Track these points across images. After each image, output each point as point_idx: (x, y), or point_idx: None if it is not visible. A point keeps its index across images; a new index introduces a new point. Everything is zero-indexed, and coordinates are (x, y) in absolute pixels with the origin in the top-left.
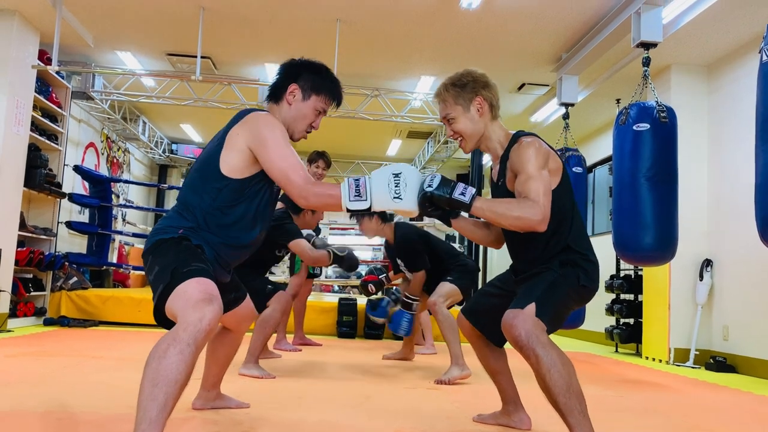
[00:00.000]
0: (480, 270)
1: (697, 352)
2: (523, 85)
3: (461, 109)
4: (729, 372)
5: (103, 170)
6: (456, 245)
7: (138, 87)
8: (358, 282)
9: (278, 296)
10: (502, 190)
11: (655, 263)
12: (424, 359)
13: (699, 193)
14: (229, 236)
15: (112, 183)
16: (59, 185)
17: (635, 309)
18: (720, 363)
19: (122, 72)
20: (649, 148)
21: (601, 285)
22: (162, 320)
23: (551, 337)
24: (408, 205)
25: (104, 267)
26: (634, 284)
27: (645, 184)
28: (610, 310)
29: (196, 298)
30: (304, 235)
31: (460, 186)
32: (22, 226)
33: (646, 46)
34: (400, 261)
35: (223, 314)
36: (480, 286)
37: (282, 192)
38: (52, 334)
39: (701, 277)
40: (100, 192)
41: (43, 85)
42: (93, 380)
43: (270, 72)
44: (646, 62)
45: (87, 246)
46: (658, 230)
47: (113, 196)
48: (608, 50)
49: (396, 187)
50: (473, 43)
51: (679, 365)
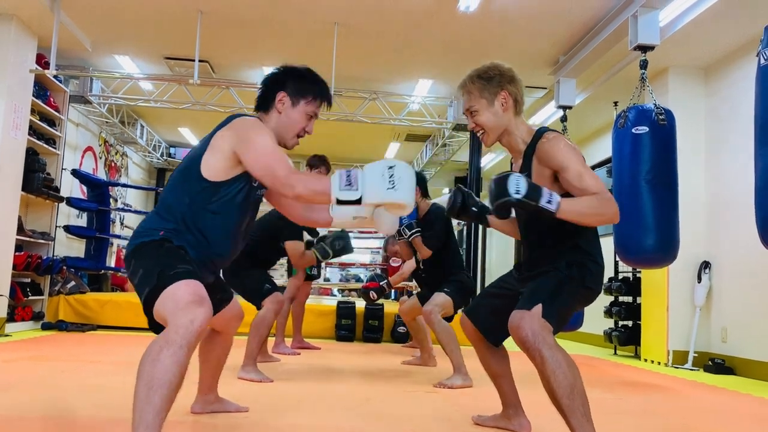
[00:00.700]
0: (475, 291)
1: (696, 354)
2: None
3: (485, 103)
4: (727, 374)
5: (101, 174)
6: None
7: (136, 91)
8: (357, 286)
9: (274, 296)
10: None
11: (657, 265)
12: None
13: (697, 195)
14: (209, 239)
15: (110, 187)
16: (57, 189)
17: (634, 311)
18: (718, 365)
19: (120, 76)
20: (648, 150)
21: None
22: (155, 326)
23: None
24: (401, 197)
25: (102, 271)
26: (633, 286)
27: (645, 187)
28: (608, 313)
29: (185, 300)
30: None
31: (545, 193)
32: (20, 230)
33: (644, 48)
34: (414, 229)
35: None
36: (479, 288)
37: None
38: (50, 339)
39: (699, 279)
40: (98, 196)
41: (41, 89)
42: (91, 384)
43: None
44: (644, 65)
45: (85, 250)
46: (660, 232)
47: (111, 199)
48: (606, 53)
49: (390, 178)
50: (471, 46)
51: (677, 367)
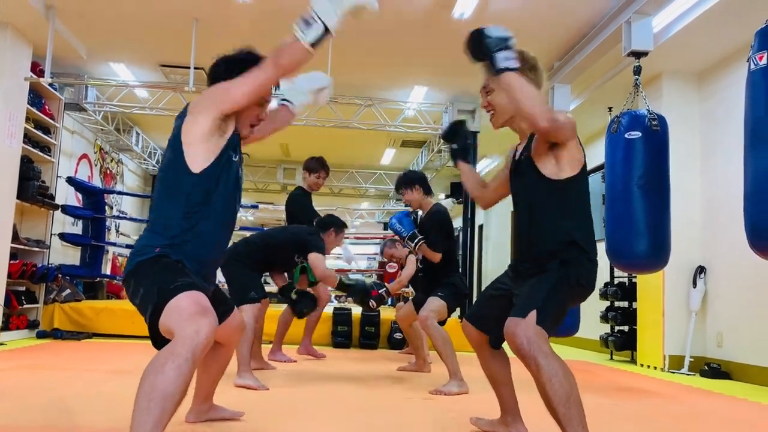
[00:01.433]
0: (468, 294)
1: (692, 359)
2: None
3: None
4: (723, 379)
5: (96, 181)
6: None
7: (131, 98)
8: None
9: (254, 307)
10: (525, 165)
11: (648, 270)
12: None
13: (691, 200)
14: (208, 237)
15: (105, 194)
16: (52, 197)
17: (630, 316)
18: (714, 370)
19: (115, 83)
20: (641, 156)
21: (596, 292)
22: (159, 343)
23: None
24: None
25: (98, 279)
26: (629, 291)
27: (637, 192)
28: (604, 318)
29: (189, 311)
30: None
31: (513, 52)
32: (15, 238)
33: (637, 54)
34: (417, 238)
35: None
36: (475, 292)
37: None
38: (45, 347)
39: (695, 283)
40: (93, 203)
41: (36, 96)
42: (87, 393)
43: None
44: (637, 71)
45: (80, 258)
46: (651, 238)
47: (107, 207)
48: (600, 59)
49: None
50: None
51: (673, 372)
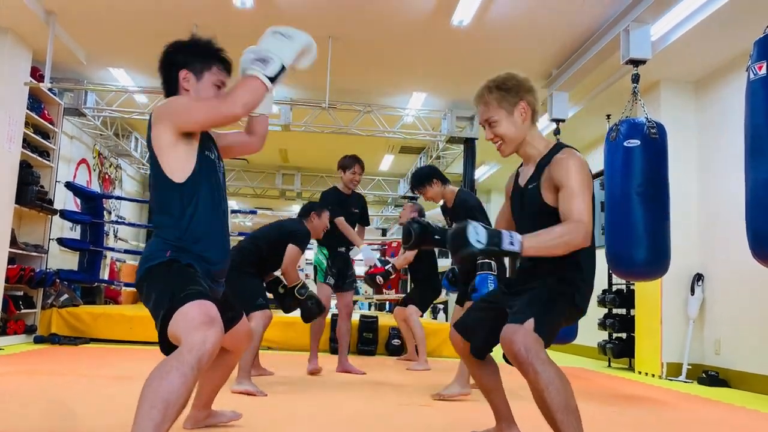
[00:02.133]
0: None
1: (690, 367)
2: None
3: (505, 113)
4: (721, 386)
5: (95, 186)
6: (449, 260)
7: (130, 103)
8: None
9: (264, 313)
10: (531, 196)
11: (648, 278)
12: (417, 375)
13: (689, 207)
14: (207, 237)
15: (104, 199)
16: (51, 202)
17: (628, 323)
18: (712, 377)
19: (115, 89)
20: (640, 163)
21: (594, 299)
22: (167, 349)
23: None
24: (302, 40)
25: (96, 284)
26: (627, 299)
27: (636, 200)
28: (602, 325)
29: (198, 320)
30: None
31: (506, 235)
32: (13, 242)
33: (635, 62)
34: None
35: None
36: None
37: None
38: (43, 352)
39: (692, 291)
40: (91, 208)
41: (36, 101)
42: (85, 398)
43: None
44: (636, 79)
45: (78, 263)
46: (651, 245)
47: (105, 212)
48: (598, 67)
49: (282, 35)
50: (464, 59)
51: (671, 380)
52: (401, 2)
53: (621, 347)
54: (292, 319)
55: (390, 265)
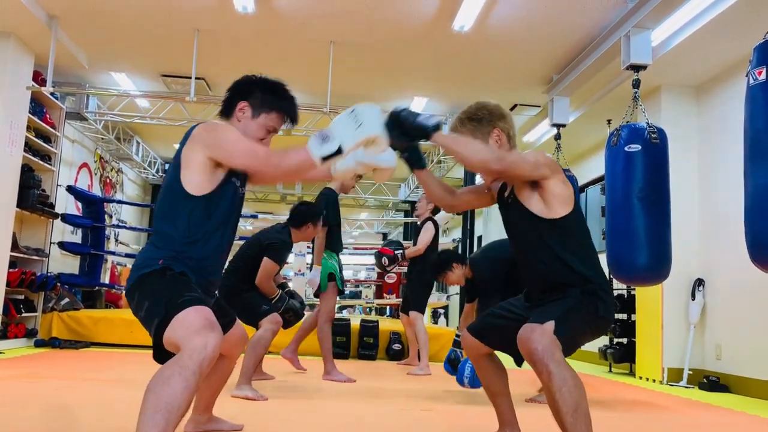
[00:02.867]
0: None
1: (691, 372)
2: (515, 105)
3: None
4: (722, 392)
5: (96, 190)
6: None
7: (132, 108)
8: (353, 303)
9: (272, 317)
10: (513, 205)
11: (649, 283)
12: (418, 380)
13: (690, 212)
14: (207, 255)
15: (105, 203)
16: (52, 206)
17: (629, 328)
18: (713, 382)
19: (117, 93)
20: (641, 168)
21: None
22: (161, 357)
23: None
24: (370, 130)
25: (96, 287)
26: (628, 304)
27: (637, 205)
28: None
29: (197, 325)
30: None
31: (427, 114)
32: (14, 246)
33: (636, 68)
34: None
35: None
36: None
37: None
38: (44, 356)
39: (693, 296)
40: (93, 212)
41: (37, 105)
42: (86, 402)
43: None
44: (636, 84)
45: (79, 266)
46: (652, 250)
47: (106, 216)
48: (599, 72)
49: (355, 119)
50: (465, 64)
51: (672, 385)
52: (402, 7)
53: (622, 352)
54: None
55: (401, 251)
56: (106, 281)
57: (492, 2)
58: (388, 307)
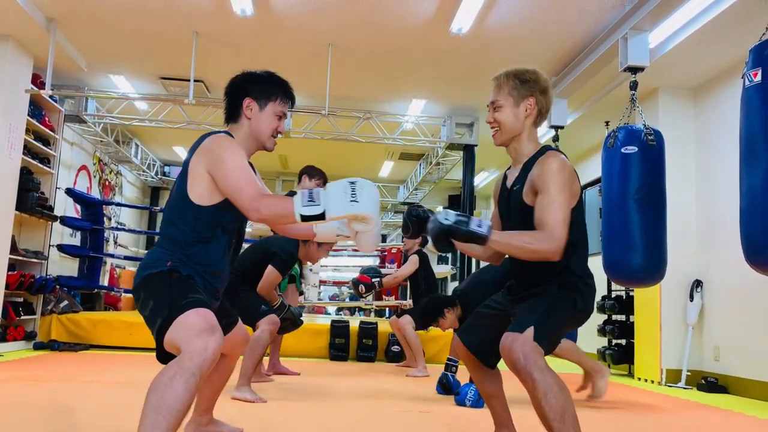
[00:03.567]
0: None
1: (689, 373)
2: None
3: (512, 102)
4: (721, 393)
5: (95, 193)
6: (448, 266)
7: (131, 110)
8: (350, 305)
9: (269, 318)
10: (515, 197)
11: (645, 284)
12: (416, 382)
13: (688, 214)
14: (212, 263)
15: (104, 206)
16: (51, 208)
17: (627, 330)
18: (711, 384)
19: (115, 96)
20: (638, 170)
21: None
22: (164, 357)
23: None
24: (363, 209)
25: (95, 290)
26: (626, 305)
27: (634, 206)
28: (602, 331)
29: (198, 327)
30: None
31: (475, 219)
32: (13, 249)
33: (634, 70)
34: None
35: None
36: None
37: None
38: (43, 359)
39: (692, 297)
40: (92, 215)
41: (36, 108)
42: (85, 405)
43: None
44: (634, 86)
45: (78, 269)
46: (647, 252)
47: (105, 218)
48: (596, 74)
49: (352, 193)
50: (463, 66)
51: (671, 386)
52: (400, 10)
53: (620, 353)
54: None
55: (378, 280)
56: (105, 284)
57: (489, 5)
58: (387, 309)
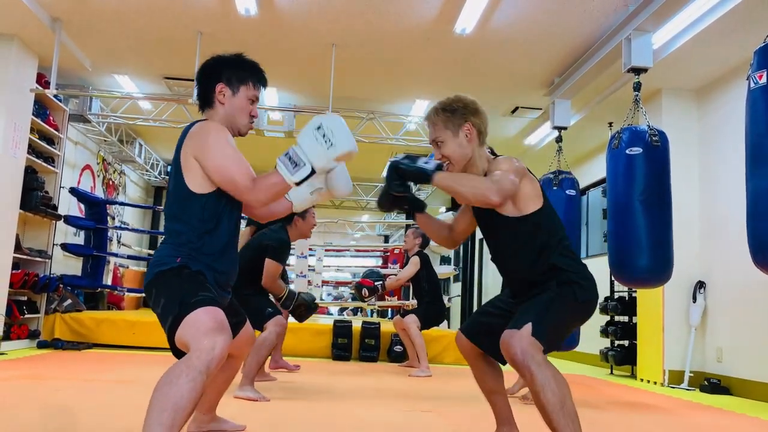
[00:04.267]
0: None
1: (692, 374)
2: (516, 108)
3: (450, 134)
4: (723, 394)
5: (99, 192)
6: (451, 267)
7: (135, 110)
8: (352, 305)
9: (276, 319)
10: (487, 212)
11: (651, 285)
12: (419, 382)
13: (691, 215)
14: (220, 250)
15: (107, 205)
16: (55, 207)
17: (630, 331)
18: (714, 385)
19: (119, 95)
20: (642, 171)
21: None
22: (178, 353)
23: (550, 357)
24: (343, 148)
25: (99, 289)
26: (629, 306)
27: (639, 207)
28: (604, 332)
29: (207, 326)
30: (286, 289)
31: (426, 159)
32: (17, 248)
33: (637, 71)
34: None
35: None
36: (475, 305)
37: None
38: (46, 357)
39: (694, 299)
40: (95, 214)
41: (41, 108)
42: (89, 403)
43: (266, 96)
44: (637, 87)
45: (82, 268)
46: (654, 253)
47: (109, 218)
48: (600, 75)
49: (323, 137)
50: (467, 67)
51: (673, 387)
52: (404, 10)
53: (623, 354)
54: (292, 326)
55: (381, 283)
56: (109, 283)
57: (493, 5)
58: (389, 309)
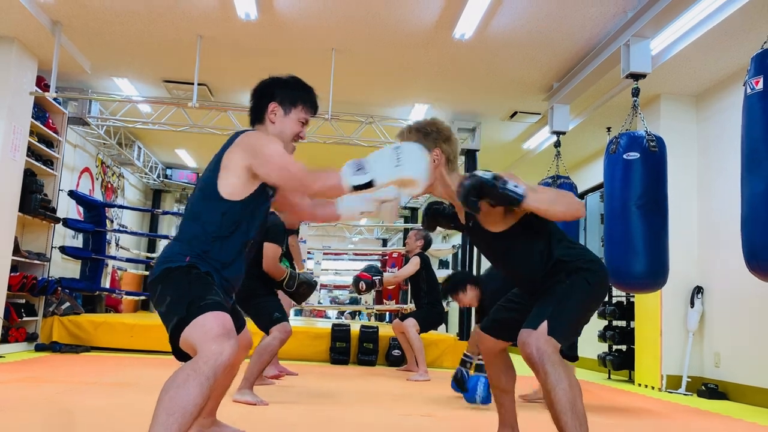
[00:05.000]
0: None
1: (689, 379)
2: (515, 113)
3: None
4: (721, 399)
5: (98, 195)
6: (450, 270)
7: (134, 113)
8: (349, 308)
9: (282, 326)
10: (478, 230)
11: (646, 290)
12: (418, 386)
13: (689, 220)
14: (228, 259)
15: (106, 208)
16: (54, 210)
17: (627, 336)
18: (712, 390)
19: (119, 98)
20: (639, 176)
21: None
22: (179, 354)
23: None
24: (409, 172)
25: (97, 292)
26: (626, 311)
27: (636, 213)
28: (602, 337)
29: (215, 331)
30: (288, 270)
31: (512, 179)
32: (16, 251)
33: (636, 76)
34: None
35: None
36: (473, 314)
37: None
38: (44, 360)
39: (692, 304)
40: (94, 217)
41: (40, 110)
42: (86, 406)
43: None
44: (636, 92)
45: (80, 271)
46: (649, 258)
47: (107, 221)
48: (599, 80)
49: (397, 158)
50: (466, 72)
51: (671, 392)
52: (404, 15)
53: (621, 359)
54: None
55: (379, 278)
56: (107, 286)
57: (492, 11)
58: (387, 312)
